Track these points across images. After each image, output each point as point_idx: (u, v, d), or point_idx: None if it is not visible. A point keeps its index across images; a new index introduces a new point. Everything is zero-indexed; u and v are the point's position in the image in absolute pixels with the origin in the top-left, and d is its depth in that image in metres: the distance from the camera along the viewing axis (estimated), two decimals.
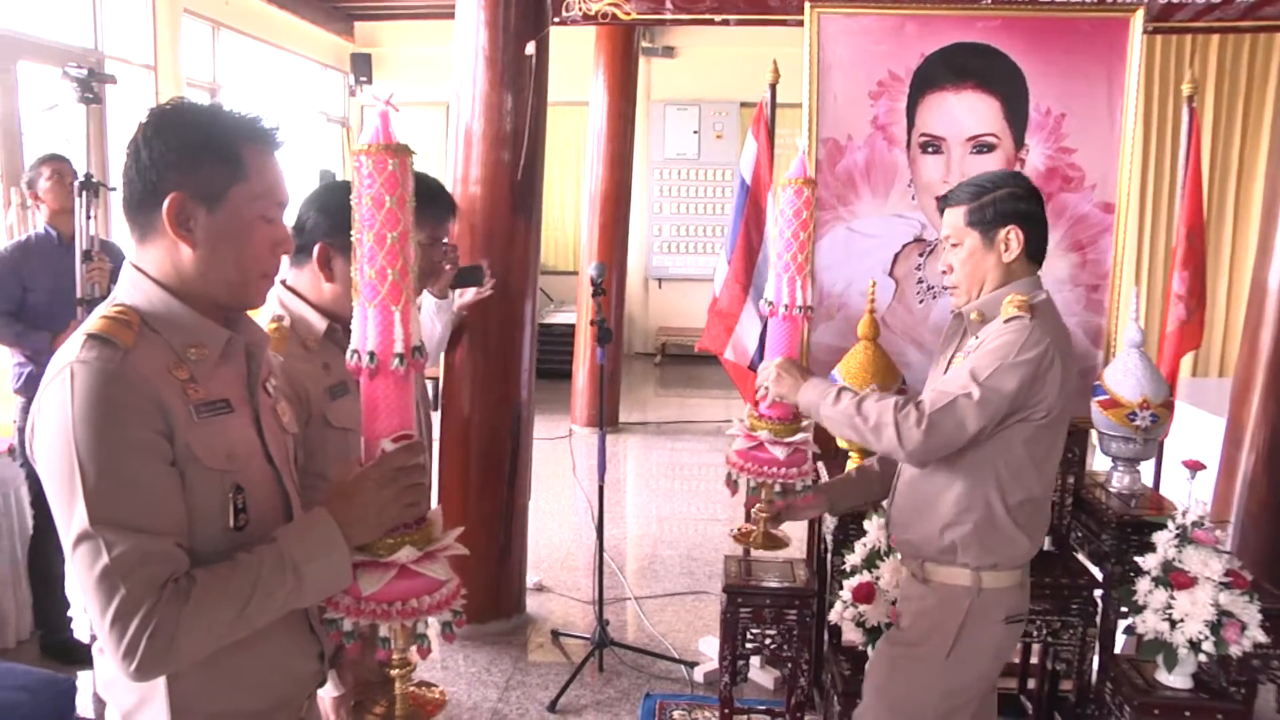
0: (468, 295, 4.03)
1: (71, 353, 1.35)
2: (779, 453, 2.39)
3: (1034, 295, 2.33)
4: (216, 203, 1.43)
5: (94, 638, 1.39)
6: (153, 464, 1.34)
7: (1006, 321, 2.27)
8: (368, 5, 10.01)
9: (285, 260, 1.61)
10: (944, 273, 2.47)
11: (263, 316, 2.07)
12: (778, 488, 2.44)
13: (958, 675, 2.37)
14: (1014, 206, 2.33)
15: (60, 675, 3.09)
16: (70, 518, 1.30)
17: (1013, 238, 2.33)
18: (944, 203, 2.43)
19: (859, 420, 2.28)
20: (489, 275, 4.04)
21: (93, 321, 1.40)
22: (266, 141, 1.49)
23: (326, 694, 1.94)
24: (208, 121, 1.45)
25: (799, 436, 2.41)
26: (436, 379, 4.65)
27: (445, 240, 2.53)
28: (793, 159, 2.42)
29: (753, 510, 2.59)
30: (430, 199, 2.47)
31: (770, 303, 2.41)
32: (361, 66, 10.74)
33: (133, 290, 1.46)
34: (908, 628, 2.48)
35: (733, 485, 2.48)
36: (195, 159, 1.42)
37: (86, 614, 1.35)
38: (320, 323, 2.04)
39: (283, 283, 2.14)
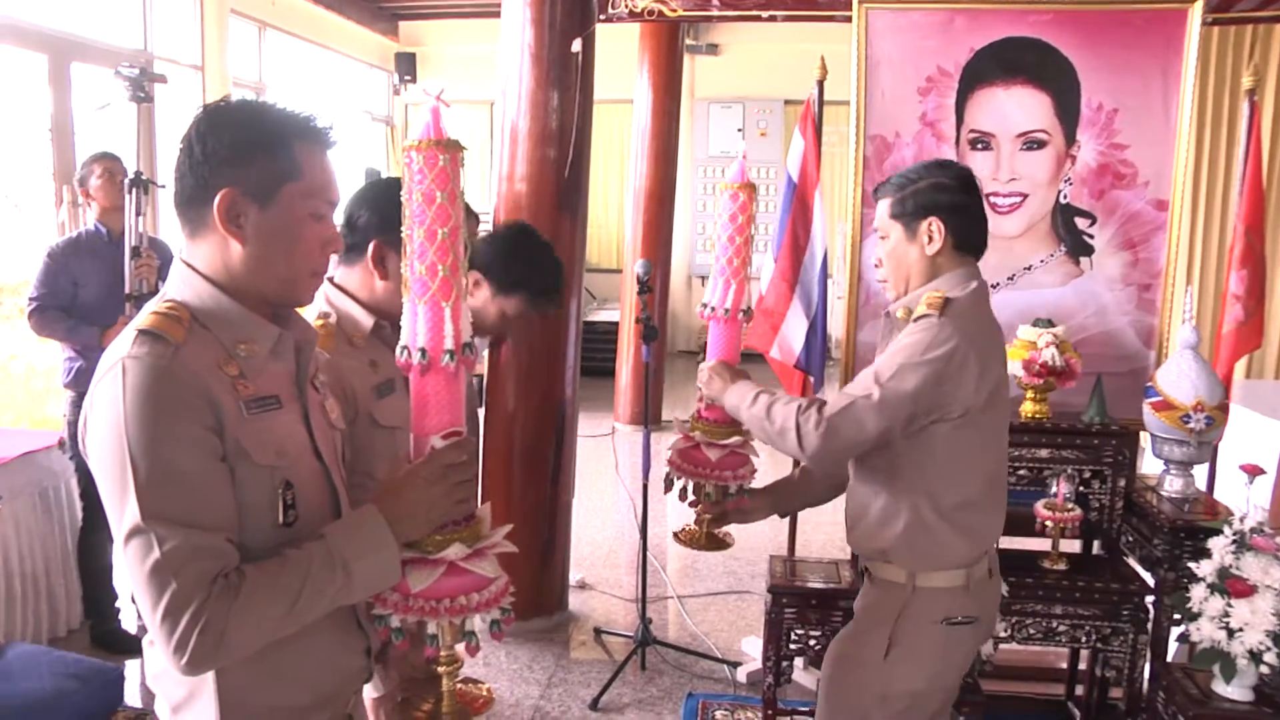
0: None
1: (123, 348, 1.35)
2: (713, 454, 2.36)
3: (956, 290, 2.22)
4: (268, 200, 1.43)
5: (143, 629, 1.40)
6: (204, 459, 1.34)
7: (915, 320, 2.19)
8: (413, 4, 10.07)
9: (333, 258, 1.61)
10: (876, 266, 2.41)
11: (309, 313, 2.08)
12: (709, 489, 2.40)
13: (896, 679, 2.25)
14: (935, 198, 2.23)
15: (109, 664, 3.13)
16: (122, 512, 1.31)
17: (935, 229, 2.23)
18: (875, 194, 2.38)
19: (767, 423, 2.22)
20: None
21: (144, 317, 1.40)
22: (319, 140, 1.49)
23: (368, 694, 1.94)
24: (261, 118, 1.45)
25: (734, 439, 2.38)
26: (481, 376, 4.66)
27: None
28: (734, 163, 2.43)
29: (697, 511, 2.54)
30: (547, 294, 2.55)
31: (708, 305, 2.39)
32: (406, 65, 10.80)
33: (183, 286, 1.46)
34: (852, 625, 2.42)
35: (668, 484, 2.45)
36: (248, 155, 1.42)
37: (136, 606, 1.35)
38: (367, 320, 2.04)
39: (329, 279, 2.14)
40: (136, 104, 3.86)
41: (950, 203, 2.25)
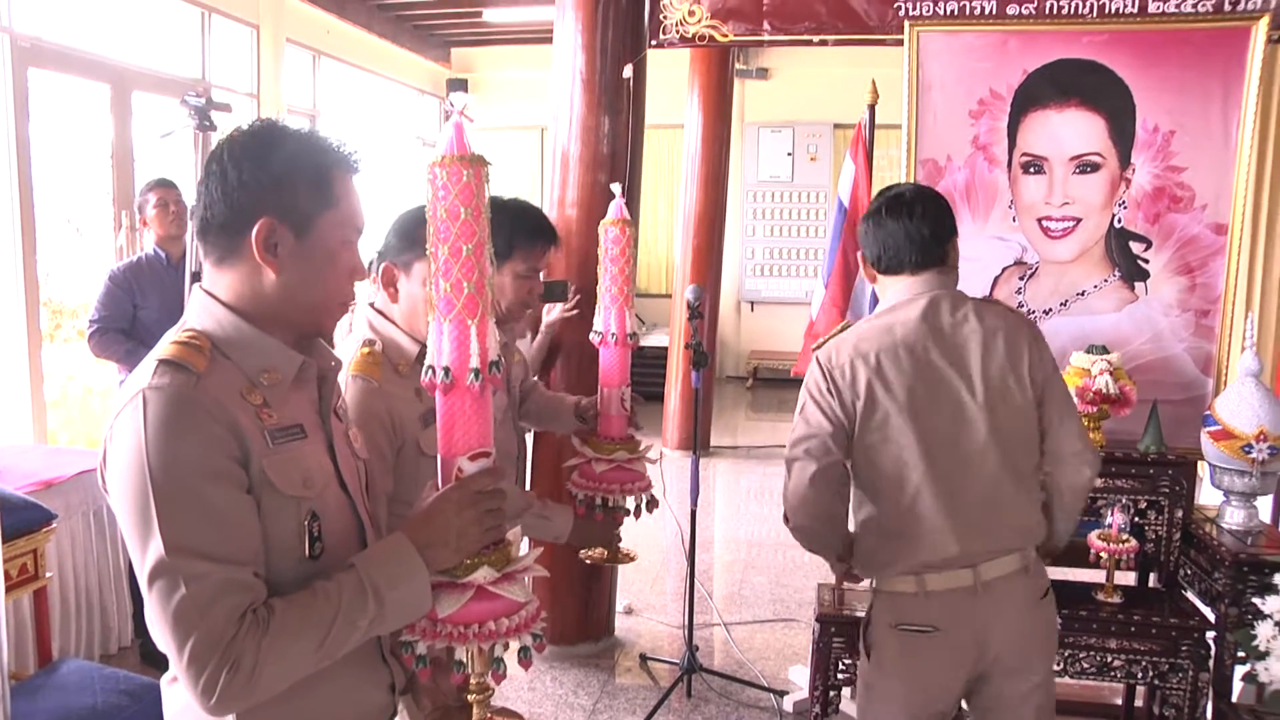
0: (554, 312, 4.05)
1: (143, 379, 1.32)
2: (599, 469, 2.44)
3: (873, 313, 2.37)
4: (306, 229, 1.42)
5: (162, 663, 1.35)
6: (229, 491, 1.31)
7: None
8: (465, 31, 10.19)
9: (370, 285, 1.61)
10: None
11: (354, 341, 2.09)
12: (599, 501, 2.45)
13: (878, 687, 2.34)
14: (861, 232, 2.39)
15: (159, 683, 3.16)
16: (145, 548, 1.28)
17: (861, 264, 2.43)
18: None
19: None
20: (574, 292, 4.05)
21: (164, 347, 1.37)
22: (350, 168, 1.48)
23: None
24: (299, 146, 1.44)
25: (620, 455, 2.44)
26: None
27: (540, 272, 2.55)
28: (613, 201, 2.49)
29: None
30: (537, 229, 2.49)
31: (600, 333, 2.47)
32: (458, 91, 10.93)
33: (203, 315, 1.44)
34: None
35: (571, 499, 2.50)
36: (289, 184, 1.40)
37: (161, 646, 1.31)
38: (412, 347, 2.04)
39: (371, 305, 2.15)
40: (201, 132, 3.93)
41: (862, 231, 2.40)
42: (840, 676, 3.12)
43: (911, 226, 2.29)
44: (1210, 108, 3.42)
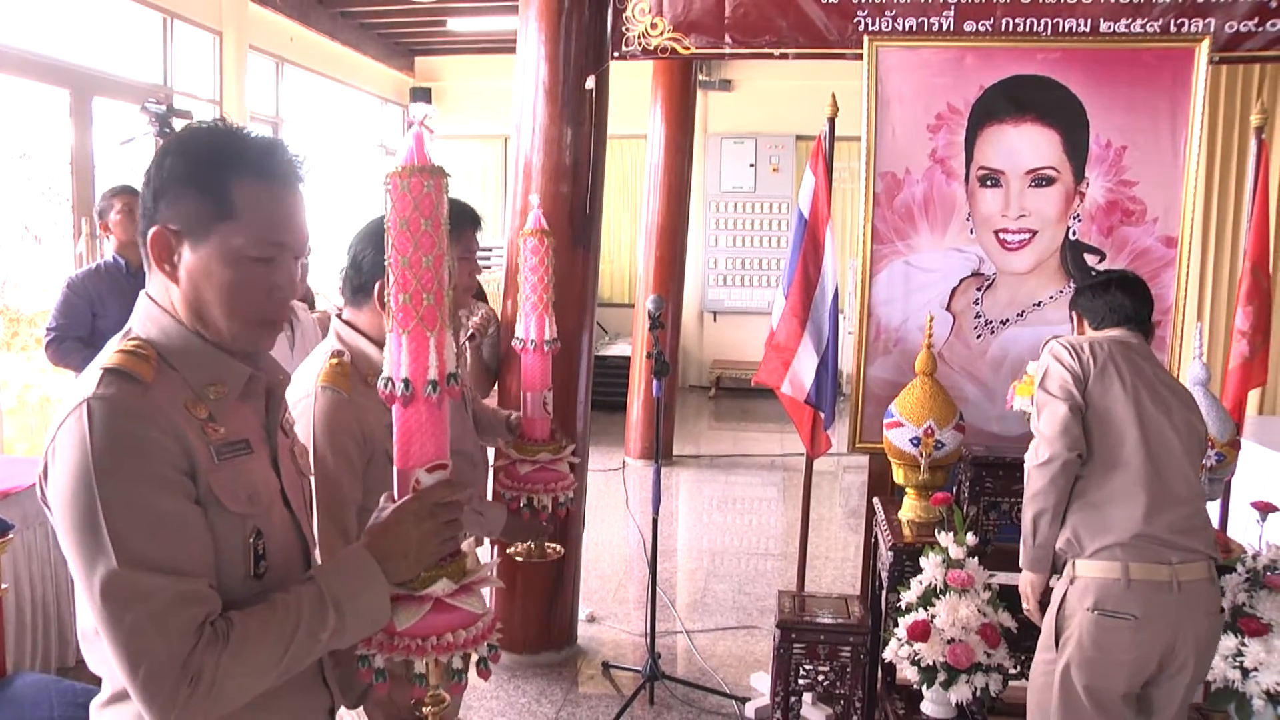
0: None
1: (88, 388, 1.27)
2: (524, 470, 2.47)
3: None
4: (201, 240, 1.34)
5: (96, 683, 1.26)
6: (180, 502, 1.27)
7: None
8: (429, 40, 10.18)
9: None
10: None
11: (322, 352, 2.09)
12: (524, 501, 2.48)
13: (1068, 671, 2.58)
14: None
15: None
16: (93, 564, 1.22)
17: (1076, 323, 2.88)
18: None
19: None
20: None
21: (109, 355, 1.33)
22: (268, 175, 1.37)
23: None
24: (204, 151, 1.36)
25: (542, 456, 2.47)
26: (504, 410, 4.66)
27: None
28: (530, 213, 2.53)
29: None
30: (461, 213, 2.51)
31: (521, 340, 2.49)
32: (421, 100, 10.91)
33: (149, 324, 1.39)
34: None
35: (501, 499, 2.53)
36: (181, 192, 1.34)
37: (110, 664, 1.24)
38: (380, 357, 2.04)
39: (338, 316, 2.15)
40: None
41: (1087, 299, 2.82)
42: (800, 682, 3.16)
43: (1138, 301, 2.71)
44: (1159, 124, 3.51)
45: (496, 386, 4.31)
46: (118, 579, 1.21)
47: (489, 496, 2.70)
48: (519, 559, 2.56)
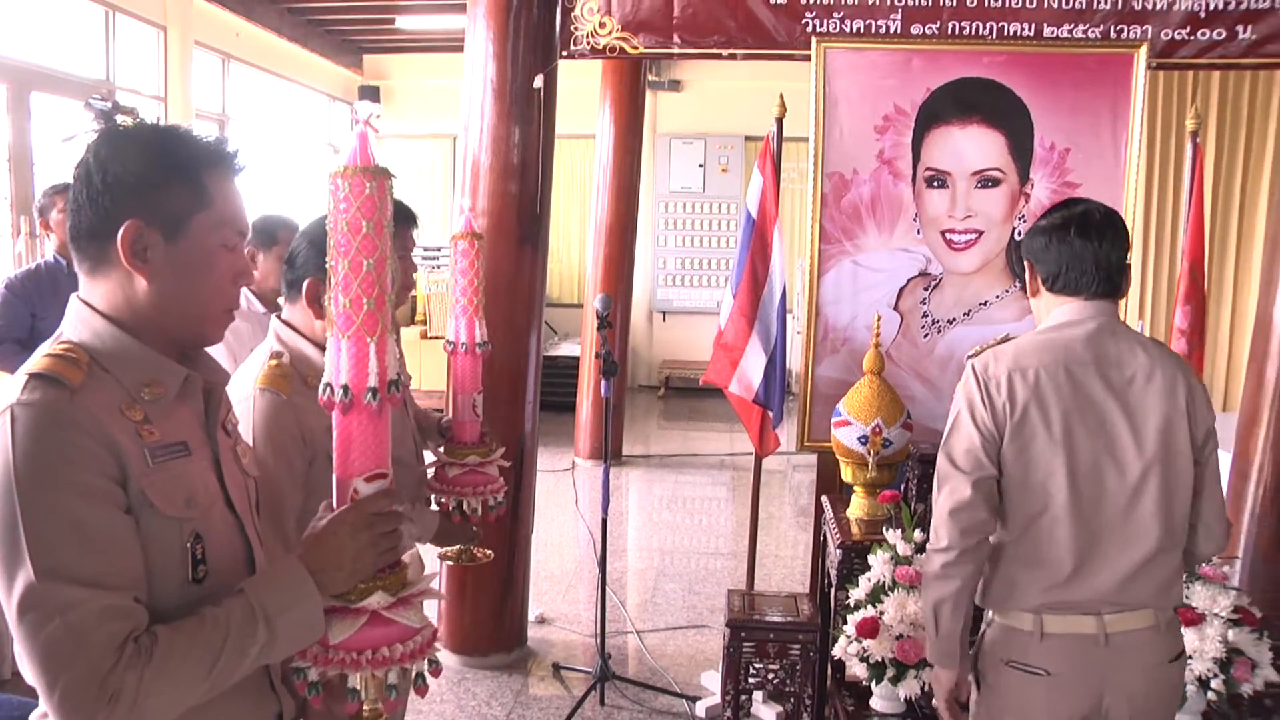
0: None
1: (12, 394, 1.24)
2: (452, 473, 2.46)
3: None
4: (177, 231, 1.35)
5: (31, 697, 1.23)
6: (106, 511, 1.23)
7: None
8: (377, 37, 10.09)
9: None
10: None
11: (261, 353, 2.06)
12: (454, 504, 2.48)
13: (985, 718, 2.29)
14: None
15: None
16: (13, 576, 1.19)
17: (1028, 276, 2.28)
18: None
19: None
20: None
21: (36, 360, 1.30)
22: (228, 166, 1.41)
23: None
24: (168, 145, 1.36)
25: (471, 459, 2.47)
26: (442, 410, 4.64)
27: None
28: (461, 216, 2.50)
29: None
30: (398, 211, 2.50)
31: (451, 342, 2.49)
32: (369, 98, 10.82)
33: (80, 327, 1.36)
34: None
35: (436, 504, 2.53)
36: (155, 184, 1.33)
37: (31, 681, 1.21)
38: (320, 358, 2.02)
39: (278, 317, 2.13)
40: None
41: (1040, 244, 2.23)
42: (751, 681, 3.17)
43: (1102, 252, 2.13)
44: (1101, 127, 3.57)
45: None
46: (36, 591, 1.17)
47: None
48: (449, 562, 2.55)
